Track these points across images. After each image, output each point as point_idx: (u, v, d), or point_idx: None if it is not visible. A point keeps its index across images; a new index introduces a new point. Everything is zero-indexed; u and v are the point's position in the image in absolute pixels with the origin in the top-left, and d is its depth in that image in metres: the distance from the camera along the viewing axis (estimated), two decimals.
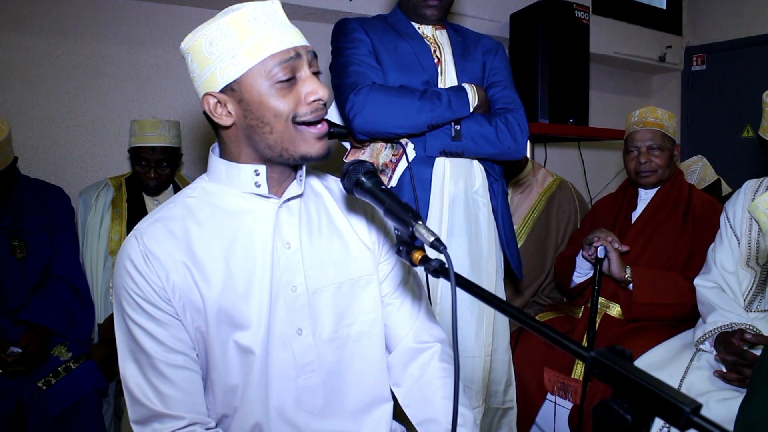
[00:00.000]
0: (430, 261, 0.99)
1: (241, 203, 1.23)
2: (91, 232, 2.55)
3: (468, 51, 2.09)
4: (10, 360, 2.14)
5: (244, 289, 1.19)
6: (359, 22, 2.04)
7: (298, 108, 1.15)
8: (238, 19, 1.11)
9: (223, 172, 1.23)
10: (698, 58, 4.73)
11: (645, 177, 2.52)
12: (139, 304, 1.15)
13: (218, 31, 1.12)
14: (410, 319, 1.40)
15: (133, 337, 1.16)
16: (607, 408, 0.73)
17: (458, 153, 1.97)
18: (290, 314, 1.23)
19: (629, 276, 2.31)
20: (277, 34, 1.13)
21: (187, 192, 1.26)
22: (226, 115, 1.18)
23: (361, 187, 1.12)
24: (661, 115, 2.54)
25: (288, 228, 1.25)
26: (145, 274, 1.14)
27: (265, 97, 1.14)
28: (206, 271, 1.17)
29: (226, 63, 1.12)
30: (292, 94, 1.15)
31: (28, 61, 2.69)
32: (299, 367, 1.24)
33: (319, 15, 3.17)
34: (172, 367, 1.16)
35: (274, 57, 1.12)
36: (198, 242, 1.18)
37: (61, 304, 2.36)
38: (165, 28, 2.95)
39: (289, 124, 1.15)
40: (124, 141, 2.87)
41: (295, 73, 1.15)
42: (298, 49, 1.15)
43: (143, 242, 1.15)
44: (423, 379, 1.37)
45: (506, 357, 2.16)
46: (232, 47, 1.11)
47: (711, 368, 1.96)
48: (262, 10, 1.13)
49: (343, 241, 1.32)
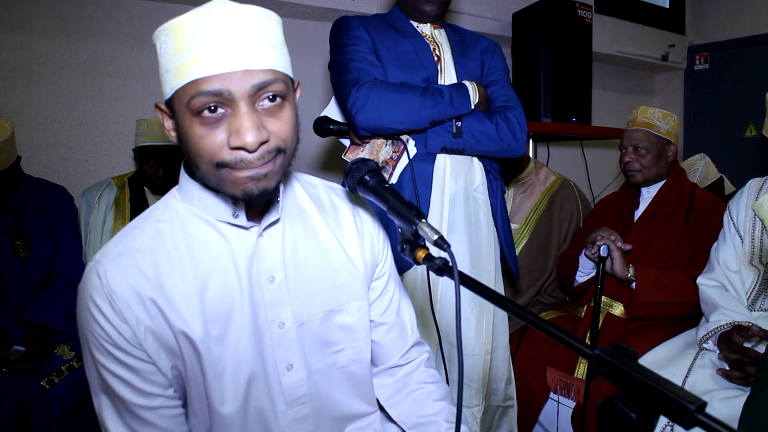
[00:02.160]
0: (433, 259, 0.99)
1: (216, 233, 1.09)
2: (94, 231, 2.56)
3: (467, 50, 2.10)
4: (13, 359, 2.14)
5: (221, 330, 1.07)
6: (358, 19, 2.04)
7: (221, 152, 0.96)
8: (178, 27, 0.93)
9: (196, 196, 1.09)
10: (701, 57, 4.73)
11: (630, 176, 2.57)
12: (109, 351, 1.02)
13: (164, 37, 0.96)
14: (401, 340, 1.35)
15: (106, 383, 1.05)
16: (612, 406, 0.73)
17: (459, 150, 1.97)
18: (279, 351, 1.13)
19: (632, 275, 2.31)
20: (207, 55, 0.92)
21: (157, 214, 1.10)
22: (172, 130, 1.04)
23: (364, 185, 1.11)
24: (652, 115, 2.54)
25: (271, 258, 1.13)
26: (112, 320, 1.01)
27: (187, 129, 0.96)
28: (180, 311, 1.04)
29: (163, 77, 0.98)
30: (219, 131, 0.95)
31: (31, 60, 2.69)
32: (289, 401, 1.16)
33: (321, 14, 3.17)
34: (149, 409, 1.07)
35: (197, 83, 0.92)
36: (169, 278, 1.05)
37: (64, 303, 2.36)
38: None
39: (212, 168, 0.97)
40: (126, 140, 2.87)
41: (226, 105, 0.94)
42: (229, 77, 0.92)
43: (107, 283, 1.01)
44: (410, 386, 1.34)
45: (506, 355, 2.16)
46: (168, 59, 0.95)
47: (714, 367, 1.96)
48: (207, 17, 0.92)
49: (330, 264, 1.20)
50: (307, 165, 3.30)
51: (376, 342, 1.33)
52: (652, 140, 2.52)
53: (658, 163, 2.52)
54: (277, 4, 2.99)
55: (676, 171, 2.57)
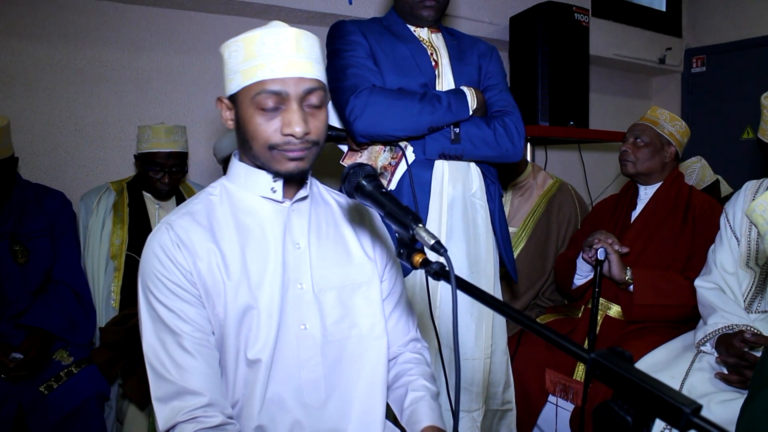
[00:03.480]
0: (430, 264, 0.99)
1: (256, 204, 1.33)
2: (93, 236, 2.55)
3: (464, 54, 2.10)
4: (12, 366, 2.14)
5: (257, 281, 1.27)
6: (356, 24, 2.04)
7: (275, 137, 1.22)
8: (249, 41, 1.21)
9: (242, 175, 1.33)
10: (698, 60, 4.74)
11: (623, 164, 2.63)
12: (167, 285, 1.22)
13: (235, 47, 1.22)
14: (402, 335, 1.51)
15: (159, 316, 1.23)
16: (608, 409, 0.74)
17: (457, 156, 1.98)
18: (296, 310, 1.30)
19: (630, 278, 2.32)
20: (272, 63, 1.20)
21: (209, 191, 1.36)
22: (230, 120, 1.30)
23: (361, 190, 1.12)
24: (659, 114, 2.61)
25: (298, 229, 1.35)
26: (174, 258, 1.23)
27: (249, 117, 1.23)
28: (227, 261, 1.26)
29: (231, 76, 1.24)
30: (274, 121, 1.22)
31: (29, 66, 2.69)
32: (302, 360, 1.30)
33: (319, 19, 3.17)
34: (195, 343, 1.23)
35: (262, 84, 1.20)
36: (220, 234, 1.28)
37: (62, 308, 2.36)
38: (165, 32, 2.96)
39: (264, 148, 1.24)
40: (125, 145, 2.88)
41: (281, 103, 1.21)
42: (287, 81, 1.20)
43: (174, 231, 1.25)
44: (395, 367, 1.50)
45: (504, 359, 2.16)
46: (237, 63, 1.22)
47: (712, 370, 1.96)
48: (274, 37, 1.21)
49: (346, 248, 1.41)
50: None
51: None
52: (653, 136, 2.56)
53: (653, 158, 2.55)
54: (275, 9, 3.00)
55: (673, 174, 2.58)
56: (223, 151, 2.78)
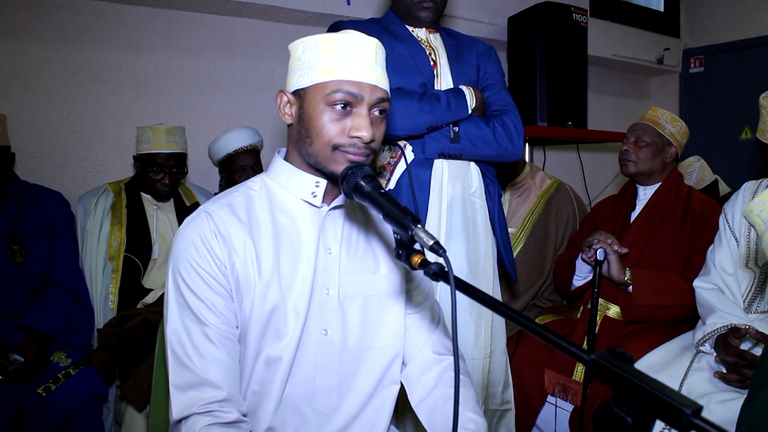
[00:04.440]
0: (429, 264, 0.99)
1: (294, 206, 1.33)
2: (91, 237, 2.55)
3: (462, 54, 2.10)
4: (11, 369, 2.13)
5: (288, 282, 1.28)
6: (354, 24, 2.04)
7: (341, 137, 1.23)
8: (330, 40, 1.23)
9: (285, 175, 1.33)
10: (696, 60, 4.74)
11: (624, 165, 2.61)
12: (199, 273, 1.23)
13: (313, 43, 1.24)
14: (429, 333, 1.47)
15: (187, 304, 1.23)
16: (608, 410, 0.74)
17: (456, 155, 1.98)
18: (320, 314, 1.31)
19: (629, 278, 2.32)
20: (352, 65, 1.22)
21: (250, 185, 1.36)
22: (289, 115, 1.30)
23: (360, 191, 1.12)
24: (660, 114, 2.61)
25: (331, 235, 1.35)
26: (210, 248, 1.23)
27: (318, 113, 1.23)
28: (261, 258, 1.27)
29: (303, 71, 1.25)
30: (342, 122, 1.23)
31: (26, 66, 2.69)
32: (318, 366, 1.31)
33: (317, 19, 3.17)
34: (220, 335, 1.23)
35: (339, 83, 1.21)
36: (257, 230, 1.28)
37: (60, 309, 2.35)
38: (163, 33, 2.95)
39: (327, 147, 1.24)
40: (122, 146, 2.87)
41: (353, 105, 1.23)
42: (363, 85, 1.22)
43: (213, 221, 1.25)
44: (437, 388, 1.41)
45: (503, 358, 2.16)
46: (313, 60, 1.23)
47: (711, 370, 1.96)
48: (356, 42, 1.23)
49: (375, 258, 1.41)
50: None
51: (407, 337, 1.45)
52: (654, 136, 2.56)
53: (654, 159, 2.54)
54: (273, 9, 2.99)
55: (673, 174, 2.58)
56: (219, 152, 2.78)
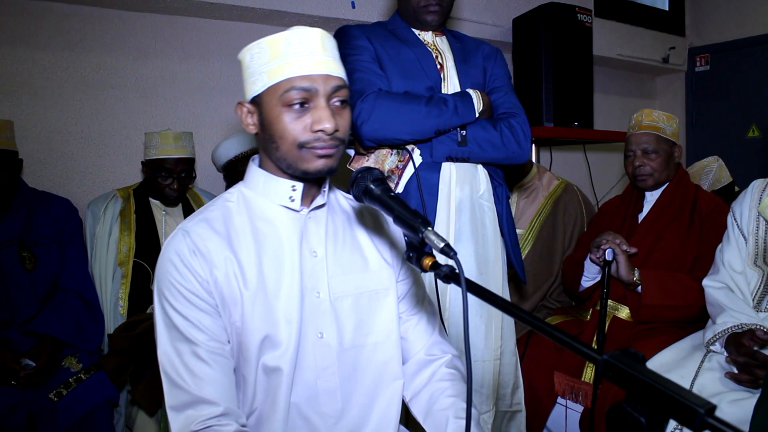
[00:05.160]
0: (440, 267, 0.99)
1: (273, 212, 1.32)
2: (100, 243, 2.56)
3: (469, 57, 2.10)
4: (23, 375, 2.14)
5: (274, 290, 1.26)
6: (361, 29, 2.05)
7: (304, 134, 1.21)
8: (275, 42, 1.21)
9: (261, 182, 1.32)
10: (702, 59, 4.73)
11: (641, 180, 2.54)
12: (182, 293, 1.22)
13: (258, 48, 1.22)
14: (425, 335, 1.47)
15: (174, 325, 1.22)
16: (621, 411, 0.74)
17: (464, 158, 1.98)
18: (313, 318, 1.30)
19: (638, 278, 2.31)
20: (300, 60, 1.19)
21: (227, 197, 1.35)
22: (253, 124, 1.29)
23: (370, 194, 1.12)
24: (657, 117, 2.54)
25: (315, 238, 1.34)
26: (190, 266, 1.22)
27: (277, 116, 1.22)
28: (244, 269, 1.25)
29: (255, 78, 1.23)
30: (302, 120, 1.21)
31: (35, 74, 2.71)
32: (319, 369, 1.30)
33: (322, 23, 3.18)
34: (210, 352, 1.22)
35: (290, 81, 1.19)
36: (237, 242, 1.27)
37: (71, 315, 2.36)
38: (170, 39, 2.97)
39: (293, 147, 1.22)
40: (131, 152, 2.89)
41: (310, 100, 1.21)
42: (315, 78, 1.20)
43: (191, 238, 1.24)
44: (430, 383, 1.43)
45: (513, 360, 2.16)
46: (262, 64, 1.22)
47: (722, 369, 1.95)
48: (300, 36, 1.21)
49: (363, 255, 1.40)
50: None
51: (403, 337, 1.45)
52: (661, 143, 2.51)
53: (668, 165, 2.51)
54: (278, 14, 3.00)
55: (679, 173, 2.57)
56: (221, 158, 2.79)
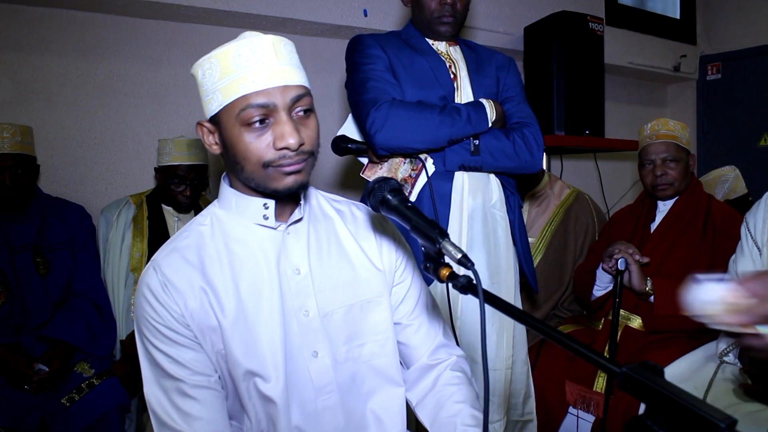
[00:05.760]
0: (457, 277, 0.99)
1: (249, 232, 1.26)
2: (113, 249, 2.58)
3: (482, 66, 2.11)
4: (35, 379, 2.16)
5: (254, 316, 1.21)
6: (375, 38, 2.05)
7: (268, 153, 1.13)
8: (225, 55, 1.12)
9: (233, 202, 1.26)
10: (713, 67, 4.71)
11: (662, 190, 2.52)
12: (160, 330, 1.18)
13: (209, 64, 1.14)
14: (428, 339, 1.42)
15: (156, 362, 1.19)
16: (640, 424, 0.73)
17: (477, 167, 1.98)
18: (305, 338, 1.25)
19: (650, 288, 2.30)
20: (253, 75, 1.11)
21: (200, 220, 1.29)
22: (215, 144, 1.22)
23: (387, 204, 1.12)
24: (673, 127, 2.53)
25: (296, 253, 1.27)
26: (163, 301, 1.17)
27: (237, 137, 1.14)
28: (220, 297, 1.20)
29: (210, 96, 1.16)
30: (264, 137, 1.13)
31: (49, 80, 2.73)
32: (317, 388, 1.26)
33: (333, 31, 3.19)
34: (196, 387, 1.19)
35: (245, 99, 1.11)
36: (211, 268, 1.21)
37: (83, 320, 2.38)
38: (183, 46, 2.99)
39: (258, 167, 1.15)
40: (143, 158, 2.90)
41: (269, 116, 1.13)
42: (271, 91, 1.12)
43: (161, 272, 1.19)
44: (436, 388, 1.39)
45: (525, 369, 2.16)
46: (215, 82, 1.14)
47: (736, 380, 1.94)
48: (249, 47, 1.12)
49: (351, 263, 1.34)
50: (326, 183, 3.31)
51: (405, 344, 1.41)
52: (680, 151, 2.50)
53: (686, 174, 2.51)
54: (291, 22, 3.02)
55: (693, 182, 2.56)
56: None
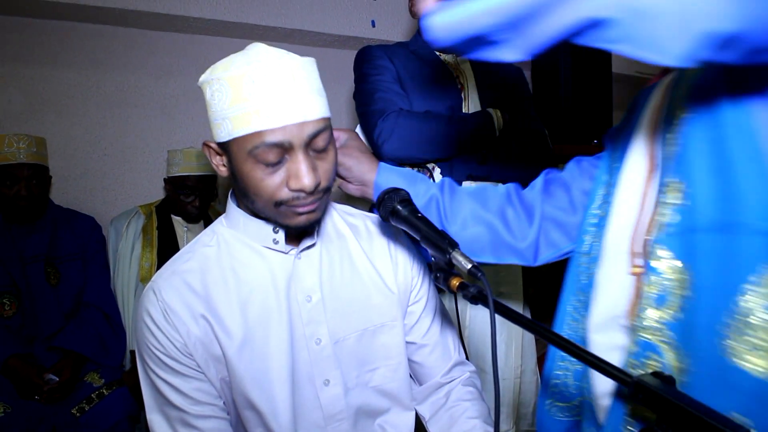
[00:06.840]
0: (468, 288, 0.99)
1: (257, 256, 1.19)
2: (123, 259, 2.59)
3: (489, 77, 2.11)
4: (46, 389, 2.16)
5: (262, 344, 1.16)
6: (383, 49, 2.06)
7: (280, 192, 1.06)
8: (237, 81, 1.00)
9: (241, 223, 1.19)
10: None
11: None
12: (161, 359, 1.13)
13: (219, 86, 1.02)
14: (444, 360, 1.39)
15: (159, 391, 1.15)
16: None
17: (485, 177, 1.98)
18: (316, 367, 1.20)
19: None
20: (268, 108, 1.00)
21: (205, 240, 1.22)
22: (223, 166, 1.13)
23: (397, 215, 1.11)
24: None
25: (308, 279, 1.21)
26: (164, 330, 1.11)
27: (248, 171, 1.05)
28: (225, 324, 1.14)
29: (219, 121, 1.05)
30: (278, 173, 1.05)
31: (60, 92, 2.76)
32: (327, 417, 1.23)
33: (342, 42, 3.21)
34: (199, 418, 1.14)
35: (259, 136, 1.01)
36: (216, 295, 1.15)
37: (94, 331, 2.39)
38: (192, 58, 3.01)
39: (270, 204, 1.08)
40: (153, 169, 2.92)
41: (285, 153, 1.04)
42: (288, 129, 1.01)
43: (162, 297, 1.12)
44: (448, 403, 1.36)
45: (534, 378, 2.15)
46: (224, 108, 1.02)
47: None
48: (264, 72, 1.00)
49: (364, 286, 1.27)
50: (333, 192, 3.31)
51: (420, 363, 1.38)
52: None
53: None
54: (300, 33, 3.03)
55: None
56: None
